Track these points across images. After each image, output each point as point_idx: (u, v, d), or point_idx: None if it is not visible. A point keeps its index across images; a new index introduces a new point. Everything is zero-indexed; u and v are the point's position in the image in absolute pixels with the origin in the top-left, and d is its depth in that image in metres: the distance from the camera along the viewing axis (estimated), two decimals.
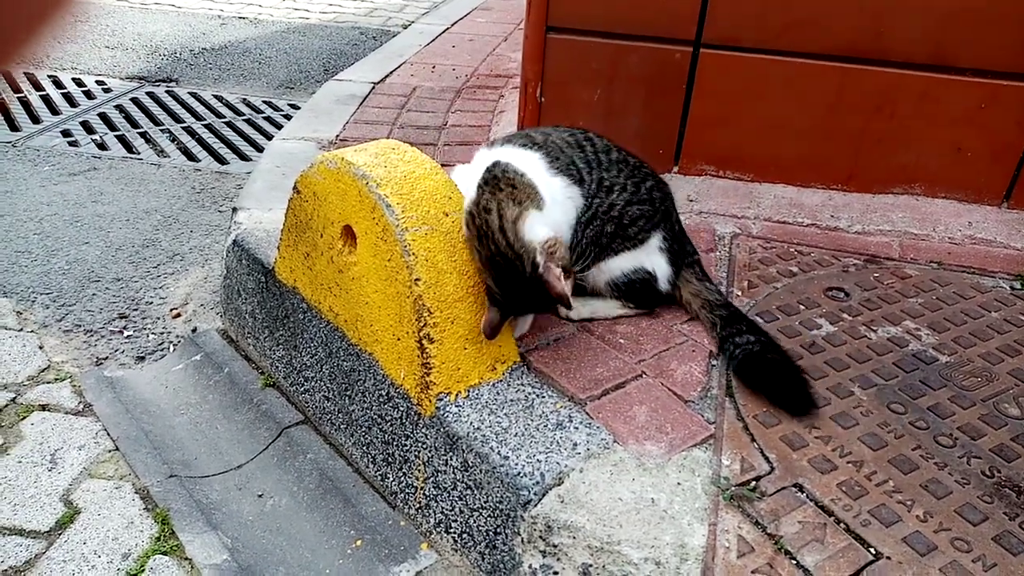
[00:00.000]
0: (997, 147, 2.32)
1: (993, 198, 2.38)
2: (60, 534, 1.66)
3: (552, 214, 1.58)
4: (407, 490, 1.67)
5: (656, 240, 1.77)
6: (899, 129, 2.35)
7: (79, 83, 4.08)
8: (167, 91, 4.08)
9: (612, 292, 1.78)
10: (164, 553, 1.62)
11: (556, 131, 1.78)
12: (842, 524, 1.34)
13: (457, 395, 1.57)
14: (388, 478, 1.72)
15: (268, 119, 3.83)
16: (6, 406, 1.98)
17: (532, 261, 1.46)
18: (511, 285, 1.49)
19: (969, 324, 1.90)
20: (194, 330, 2.33)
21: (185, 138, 3.58)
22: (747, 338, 1.66)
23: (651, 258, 1.77)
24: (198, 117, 3.81)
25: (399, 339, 1.60)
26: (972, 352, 1.80)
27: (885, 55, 2.27)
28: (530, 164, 1.62)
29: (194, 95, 4.05)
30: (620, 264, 1.75)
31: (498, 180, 1.56)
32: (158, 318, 2.39)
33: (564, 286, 1.46)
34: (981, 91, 2.25)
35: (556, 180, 1.64)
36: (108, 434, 1.92)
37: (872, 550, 1.29)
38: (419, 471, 1.62)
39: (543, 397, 1.59)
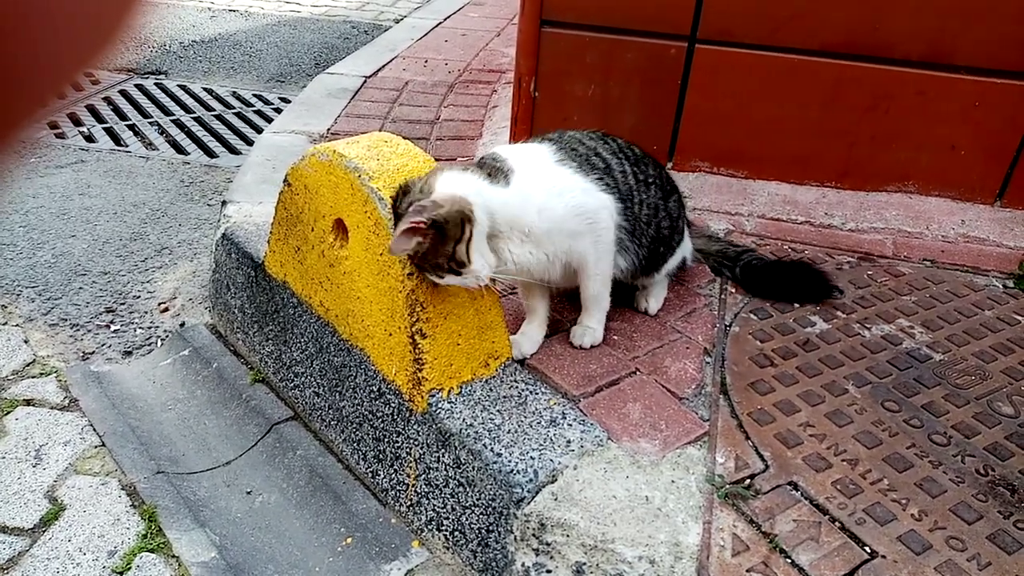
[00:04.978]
0: (991, 145, 2.31)
1: (986, 196, 2.38)
2: (44, 531, 1.63)
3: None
4: (398, 487, 1.65)
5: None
6: (893, 127, 2.34)
7: None
8: (156, 83, 4.04)
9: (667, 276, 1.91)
10: (151, 551, 1.60)
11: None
12: (837, 522, 1.33)
13: (449, 391, 1.55)
14: (379, 475, 1.70)
15: (258, 112, 3.79)
16: None
17: (406, 202, 1.40)
18: None
19: (963, 322, 1.89)
20: (182, 325, 2.30)
21: (174, 131, 3.54)
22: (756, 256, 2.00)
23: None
24: (187, 110, 3.76)
25: (391, 334, 1.58)
26: (966, 350, 1.79)
27: (880, 52, 2.26)
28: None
29: (183, 88, 4.01)
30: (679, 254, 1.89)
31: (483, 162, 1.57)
32: (146, 312, 2.36)
33: (396, 239, 1.35)
34: (975, 89, 2.25)
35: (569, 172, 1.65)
36: (94, 429, 1.89)
37: (867, 549, 1.28)
38: (410, 468, 1.61)
39: (536, 394, 1.57)
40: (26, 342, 2.18)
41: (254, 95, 3.98)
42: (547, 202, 1.52)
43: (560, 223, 1.53)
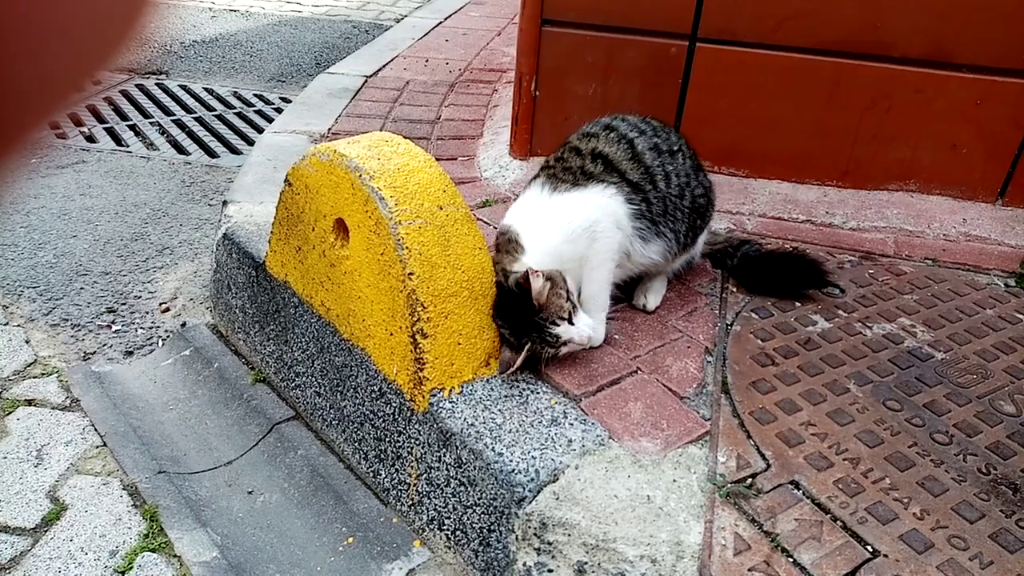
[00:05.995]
0: (992, 144, 2.31)
1: (988, 195, 2.38)
2: (46, 531, 1.63)
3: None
4: (399, 487, 1.65)
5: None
6: (894, 125, 2.34)
7: None
8: (157, 83, 4.04)
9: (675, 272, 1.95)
10: (152, 550, 1.60)
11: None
12: (839, 521, 1.33)
13: (451, 391, 1.55)
14: (380, 475, 1.70)
15: (259, 112, 3.79)
16: None
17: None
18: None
19: (964, 321, 1.89)
20: (183, 325, 2.30)
21: (175, 131, 3.54)
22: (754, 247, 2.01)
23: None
24: (188, 110, 3.77)
25: (392, 334, 1.58)
26: (967, 349, 1.79)
27: (881, 50, 2.26)
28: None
29: (184, 88, 4.01)
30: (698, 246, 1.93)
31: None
32: (147, 312, 2.36)
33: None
34: (977, 87, 2.25)
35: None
36: (96, 429, 1.89)
37: (869, 548, 1.28)
38: (412, 468, 1.60)
39: (538, 393, 1.57)
40: (27, 342, 2.18)
41: (255, 95, 3.98)
42: (553, 235, 1.64)
43: (563, 243, 1.64)
